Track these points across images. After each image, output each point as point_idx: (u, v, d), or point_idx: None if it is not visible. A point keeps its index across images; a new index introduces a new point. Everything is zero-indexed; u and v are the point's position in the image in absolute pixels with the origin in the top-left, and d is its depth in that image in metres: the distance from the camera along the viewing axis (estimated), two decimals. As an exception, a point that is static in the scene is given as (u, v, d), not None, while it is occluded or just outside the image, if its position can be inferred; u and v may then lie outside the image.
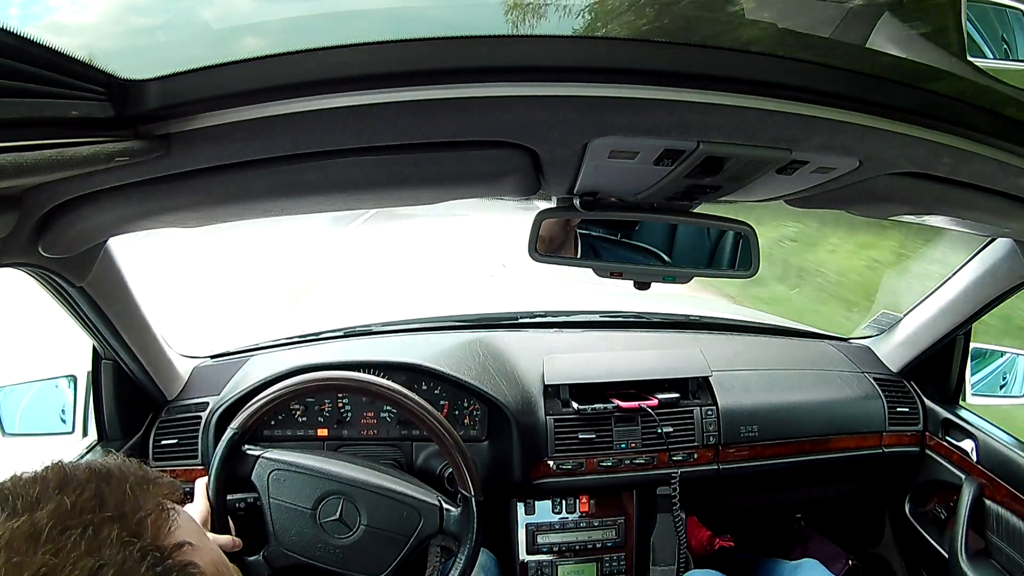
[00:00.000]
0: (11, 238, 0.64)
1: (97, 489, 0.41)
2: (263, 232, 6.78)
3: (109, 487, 0.42)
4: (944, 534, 1.31)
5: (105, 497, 0.41)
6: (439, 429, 0.95)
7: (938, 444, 1.35)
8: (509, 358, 1.35)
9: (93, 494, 0.40)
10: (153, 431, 1.20)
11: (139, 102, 0.51)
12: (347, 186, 0.67)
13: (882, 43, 0.61)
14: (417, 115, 0.55)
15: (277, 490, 0.94)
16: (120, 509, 0.41)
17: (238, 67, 0.52)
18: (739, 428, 1.30)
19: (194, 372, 1.29)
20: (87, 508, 0.39)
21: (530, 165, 0.65)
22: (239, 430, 0.94)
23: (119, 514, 0.40)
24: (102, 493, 0.41)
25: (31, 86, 0.42)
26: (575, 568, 1.31)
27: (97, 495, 0.40)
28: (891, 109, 0.57)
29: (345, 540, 0.93)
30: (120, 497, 0.41)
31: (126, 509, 0.41)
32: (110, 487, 0.42)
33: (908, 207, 0.80)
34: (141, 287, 1.03)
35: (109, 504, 0.41)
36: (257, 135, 0.56)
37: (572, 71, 0.52)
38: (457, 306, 1.75)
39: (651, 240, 0.89)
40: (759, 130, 0.58)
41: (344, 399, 1.25)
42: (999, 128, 0.61)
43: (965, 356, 1.34)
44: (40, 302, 0.92)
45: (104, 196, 0.63)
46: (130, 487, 0.43)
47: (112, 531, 0.39)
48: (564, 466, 1.25)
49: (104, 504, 0.40)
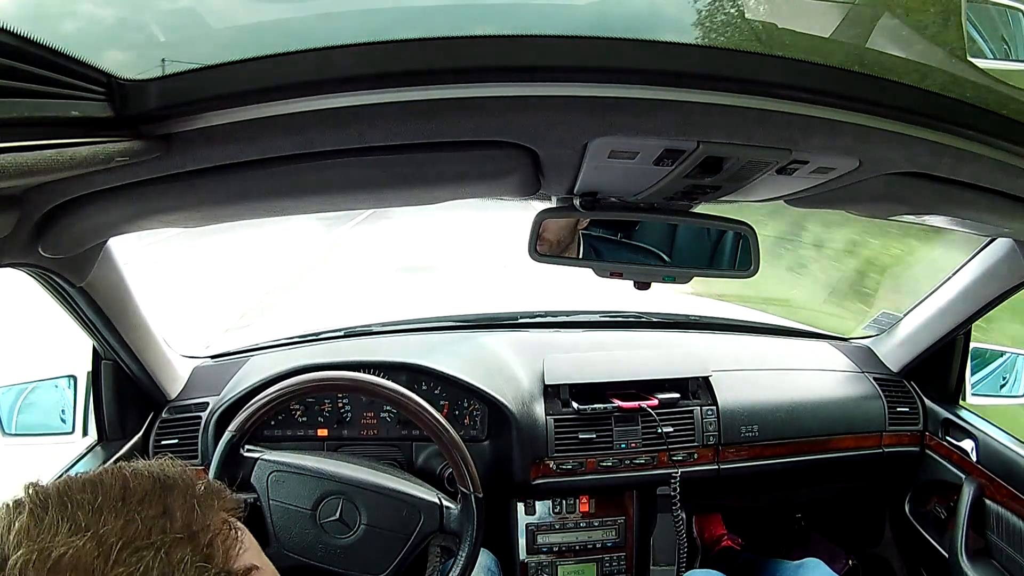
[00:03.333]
0: (11, 238, 0.64)
1: (163, 503, 0.39)
2: (262, 232, 6.78)
3: (175, 500, 0.40)
4: (944, 534, 1.31)
5: (172, 512, 0.39)
6: (435, 425, 0.95)
7: (938, 444, 1.35)
8: (509, 358, 1.35)
9: (161, 510, 0.39)
10: (153, 431, 1.20)
11: (139, 102, 0.51)
12: (347, 186, 0.67)
13: (882, 43, 0.61)
14: (417, 115, 0.55)
15: (277, 491, 0.94)
16: (189, 528, 0.39)
17: (238, 67, 0.52)
18: (739, 428, 1.30)
19: (194, 372, 1.29)
20: (156, 527, 0.38)
21: (530, 165, 0.65)
22: (237, 432, 0.94)
23: (189, 534, 0.39)
24: (169, 508, 0.39)
25: (31, 86, 0.42)
26: (575, 568, 1.31)
27: (164, 510, 0.39)
28: (891, 109, 0.57)
29: (346, 540, 0.93)
30: (188, 513, 0.40)
31: (195, 528, 0.39)
32: (176, 500, 0.40)
33: (908, 207, 0.80)
34: (141, 287, 1.03)
35: (177, 521, 0.39)
36: (257, 135, 0.56)
37: (572, 71, 0.52)
38: (456, 302, 1.75)
39: (651, 240, 0.89)
40: (759, 130, 0.58)
41: (344, 399, 1.25)
42: (999, 128, 0.61)
43: (965, 356, 1.34)
44: (40, 302, 0.92)
45: (104, 196, 0.63)
46: (197, 502, 0.41)
47: (184, 554, 0.37)
48: (564, 466, 1.25)
49: (173, 521, 0.39)
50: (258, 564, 0.43)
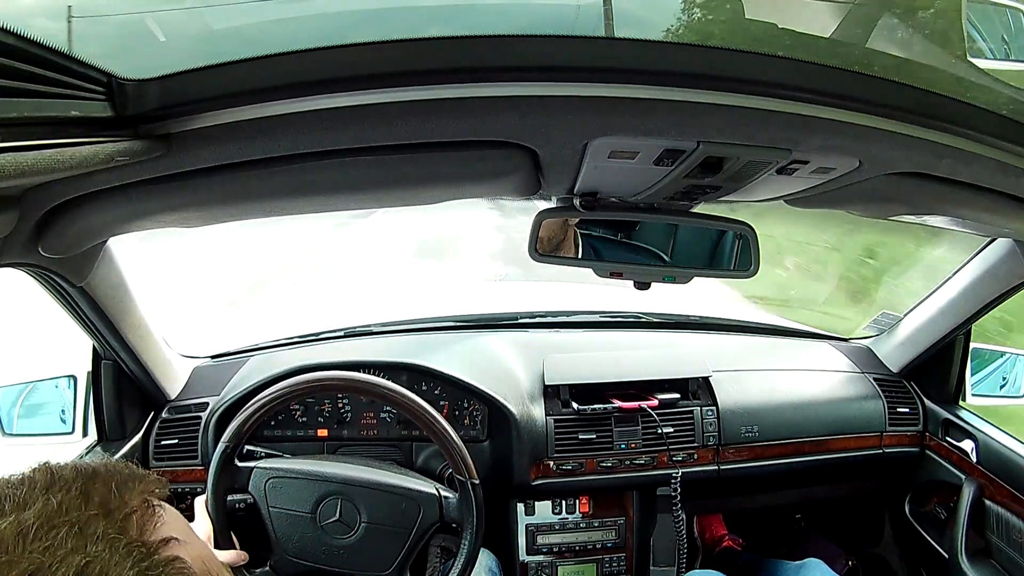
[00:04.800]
0: (11, 238, 0.64)
1: (83, 487, 0.41)
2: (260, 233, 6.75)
3: (95, 485, 0.42)
4: (944, 534, 1.31)
5: (91, 495, 0.41)
6: (435, 424, 0.95)
7: (938, 444, 1.35)
8: (509, 358, 1.35)
9: (79, 492, 0.41)
10: (153, 431, 1.20)
11: (139, 102, 0.51)
12: (347, 186, 0.67)
13: (882, 43, 0.61)
14: (417, 115, 0.55)
15: (275, 498, 0.94)
16: (106, 506, 0.41)
17: (238, 67, 0.52)
18: (739, 428, 1.30)
19: (194, 372, 1.29)
20: (73, 506, 0.40)
21: (530, 165, 0.65)
22: (231, 442, 0.94)
23: (105, 511, 0.41)
24: (88, 491, 0.41)
25: (31, 86, 0.42)
26: (575, 568, 1.31)
27: (83, 493, 0.41)
28: (891, 109, 0.57)
29: (347, 540, 0.93)
30: (105, 494, 0.42)
31: (112, 506, 0.41)
32: (96, 485, 0.42)
33: (908, 207, 0.80)
34: (141, 287, 1.03)
35: (95, 502, 0.41)
36: (257, 135, 0.56)
37: (572, 71, 0.52)
38: (456, 302, 1.75)
39: (651, 240, 0.89)
40: (759, 130, 0.58)
41: (344, 399, 1.25)
42: (999, 128, 0.61)
43: (965, 356, 1.34)
44: (41, 302, 0.92)
45: (104, 196, 0.63)
46: (115, 485, 0.43)
47: (98, 528, 0.39)
48: (564, 466, 1.25)
49: (90, 502, 0.41)
50: (179, 537, 0.44)
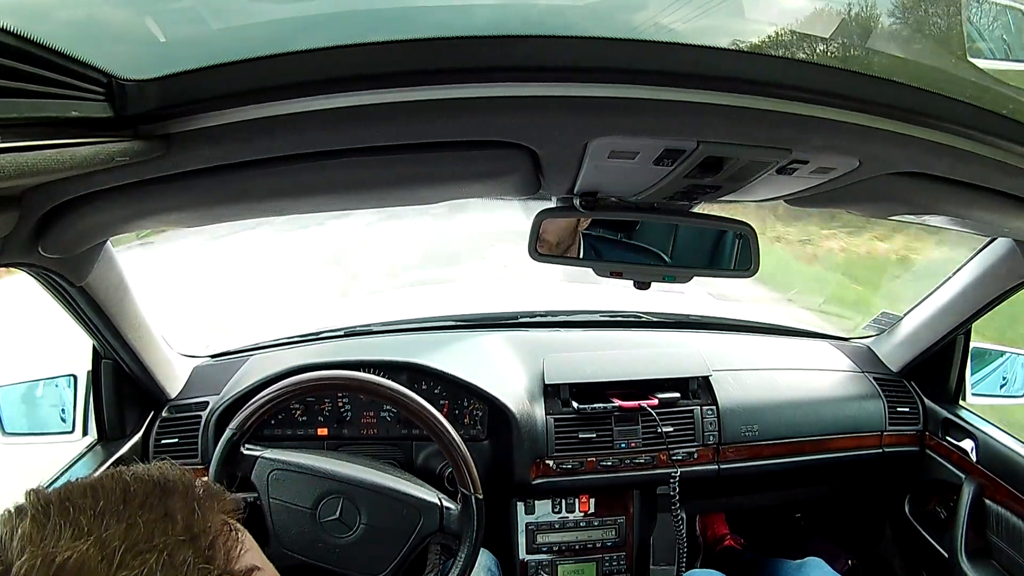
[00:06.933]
0: (11, 238, 0.64)
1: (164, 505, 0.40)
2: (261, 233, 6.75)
3: (175, 503, 0.40)
4: (944, 534, 1.31)
5: (173, 515, 0.40)
6: (436, 424, 0.95)
7: (938, 444, 1.35)
8: (509, 358, 1.35)
9: (162, 513, 0.39)
10: (153, 431, 1.20)
11: (139, 102, 0.51)
12: (347, 186, 0.67)
13: (882, 43, 0.61)
14: (417, 115, 0.55)
15: (277, 490, 0.94)
16: (190, 530, 0.40)
17: (238, 67, 0.52)
18: (739, 428, 1.30)
19: (194, 372, 1.29)
20: (159, 530, 0.38)
21: (530, 165, 0.65)
22: (237, 431, 0.94)
23: (190, 536, 0.39)
24: (170, 511, 0.40)
25: (31, 86, 0.42)
26: (575, 568, 1.31)
27: (166, 514, 0.39)
28: (891, 109, 0.57)
29: (345, 539, 0.93)
30: (188, 516, 0.40)
31: (196, 530, 0.40)
32: (175, 503, 0.40)
33: (908, 207, 0.80)
34: (141, 287, 1.03)
35: (179, 524, 0.39)
36: (257, 135, 0.56)
37: (572, 71, 0.52)
38: (458, 302, 1.75)
39: (651, 240, 0.89)
40: (759, 130, 0.58)
41: (344, 399, 1.25)
42: (999, 128, 0.61)
43: (965, 356, 1.34)
44: (41, 302, 0.92)
45: (104, 196, 0.63)
46: (197, 505, 0.41)
47: (187, 556, 0.38)
48: (564, 465, 1.25)
49: (174, 524, 0.39)
50: (259, 565, 0.43)
